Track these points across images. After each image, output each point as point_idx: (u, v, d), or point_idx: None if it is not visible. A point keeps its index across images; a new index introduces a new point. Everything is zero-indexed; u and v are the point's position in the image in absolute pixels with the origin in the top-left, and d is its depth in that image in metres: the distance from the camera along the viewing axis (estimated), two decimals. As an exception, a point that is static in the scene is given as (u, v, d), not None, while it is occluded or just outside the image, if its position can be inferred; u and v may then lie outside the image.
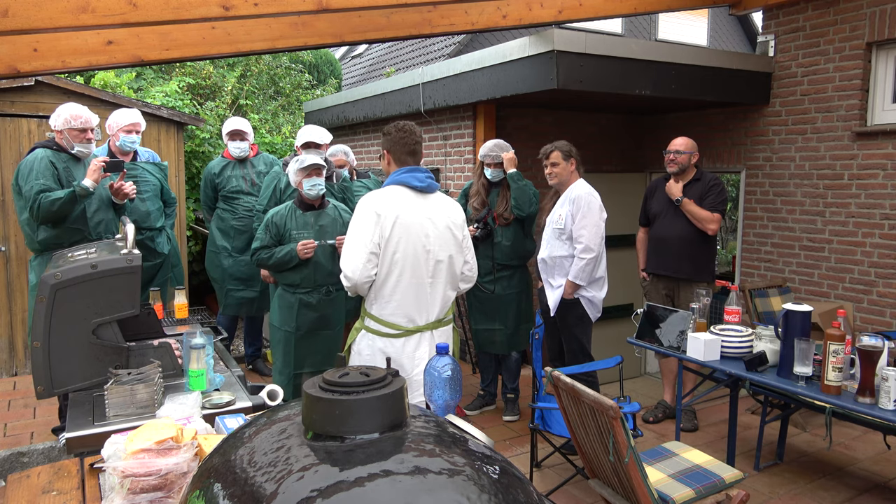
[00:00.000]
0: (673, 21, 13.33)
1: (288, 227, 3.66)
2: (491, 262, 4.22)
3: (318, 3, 3.50)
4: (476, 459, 0.84)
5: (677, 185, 4.18)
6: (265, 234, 3.67)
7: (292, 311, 3.66)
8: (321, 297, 3.69)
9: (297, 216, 3.69)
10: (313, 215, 3.71)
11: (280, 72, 9.55)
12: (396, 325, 2.78)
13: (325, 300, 3.70)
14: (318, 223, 3.70)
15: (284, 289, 3.71)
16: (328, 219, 3.74)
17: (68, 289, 2.33)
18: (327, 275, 3.68)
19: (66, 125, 3.69)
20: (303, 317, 3.66)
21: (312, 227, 3.67)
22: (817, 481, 3.56)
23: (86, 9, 3.13)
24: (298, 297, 3.66)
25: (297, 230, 3.66)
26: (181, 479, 1.51)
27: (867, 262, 4.44)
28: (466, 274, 2.95)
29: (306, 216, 3.69)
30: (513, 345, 4.32)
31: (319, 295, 3.68)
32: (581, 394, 2.38)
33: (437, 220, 2.76)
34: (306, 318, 3.67)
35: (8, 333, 5.14)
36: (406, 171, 2.76)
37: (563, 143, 3.89)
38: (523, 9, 4.16)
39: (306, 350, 3.69)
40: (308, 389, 0.90)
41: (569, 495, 3.40)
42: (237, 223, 4.83)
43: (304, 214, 3.70)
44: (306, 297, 3.66)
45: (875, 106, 4.46)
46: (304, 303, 3.66)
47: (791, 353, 2.93)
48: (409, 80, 5.57)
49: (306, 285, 3.65)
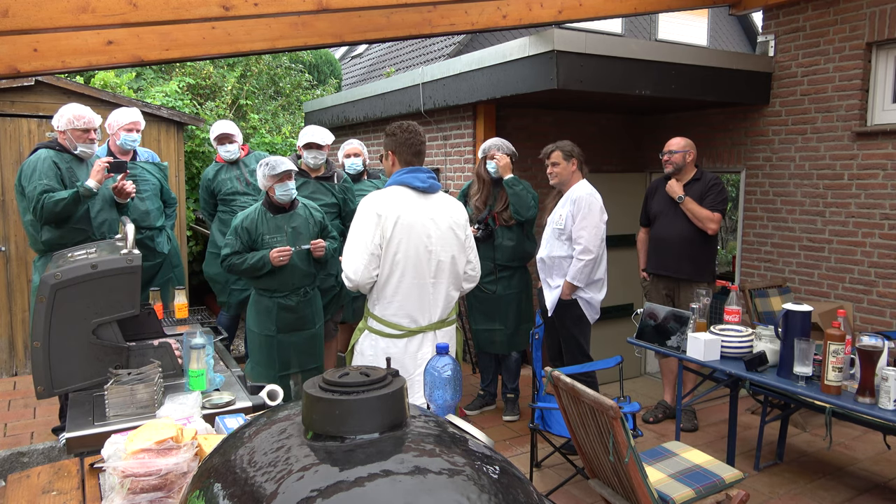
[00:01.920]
0: (673, 21, 13.33)
1: (260, 232, 3.56)
2: (492, 263, 4.22)
3: (318, 3, 3.50)
4: (476, 459, 0.84)
5: (678, 184, 4.18)
6: (235, 239, 3.56)
7: (270, 314, 3.60)
8: (299, 300, 3.64)
9: (269, 220, 3.58)
10: (284, 218, 3.62)
11: (280, 72, 9.55)
12: (399, 326, 2.78)
13: (302, 301, 3.65)
14: (290, 225, 3.62)
15: (260, 293, 3.64)
16: (300, 219, 3.66)
17: (68, 289, 2.33)
18: (303, 276, 3.64)
19: (70, 125, 3.69)
20: (282, 320, 3.61)
21: (285, 231, 3.59)
22: (817, 481, 3.56)
23: (86, 9, 3.13)
24: (276, 301, 3.60)
25: (270, 234, 3.57)
26: (181, 479, 1.51)
27: (867, 262, 4.44)
28: (469, 274, 2.94)
29: (277, 219, 3.60)
30: (513, 345, 4.32)
31: (297, 297, 3.64)
32: (581, 394, 2.38)
33: (439, 221, 2.76)
34: (286, 321, 3.61)
35: (8, 333, 5.14)
36: (408, 172, 2.75)
37: (565, 143, 3.88)
38: (523, 9, 4.16)
39: (288, 351, 3.64)
40: (308, 389, 0.90)
41: (569, 495, 3.40)
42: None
43: (275, 218, 3.60)
44: (284, 301, 3.61)
45: (875, 106, 4.46)
46: (283, 306, 3.60)
47: (791, 353, 2.93)
48: (409, 80, 5.57)
49: (284, 289, 3.60)
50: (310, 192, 4.25)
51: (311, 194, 4.21)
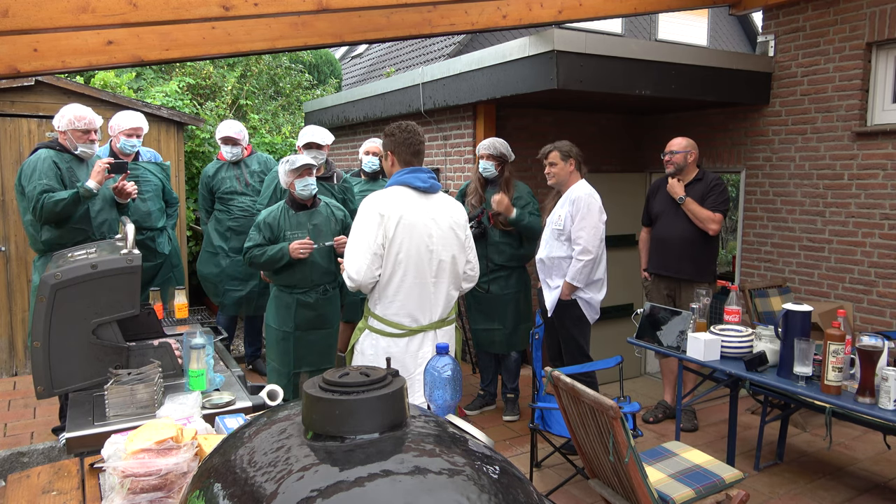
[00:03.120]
0: (673, 21, 13.33)
1: (282, 228, 3.64)
2: (486, 262, 4.21)
3: (318, 3, 3.50)
4: (476, 459, 0.84)
5: (679, 184, 4.18)
6: (258, 234, 3.65)
7: (290, 311, 3.65)
8: (318, 297, 3.68)
9: (290, 216, 3.67)
10: (306, 215, 3.69)
11: (280, 72, 9.55)
12: (400, 325, 2.79)
13: (322, 299, 3.70)
14: (311, 222, 3.68)
15: (281, 289, 3.70)
16: (321, 217, 3.73)
17: (68, 289, 2.33)
18: (323, 273, 3.68)
19: (70, 126, 3.69)
20: (301, 316, 3.66)
21: (306, 227, 3.66)
22: (817, 481, 3.56)
23: (86, 9, 3.13)
24: (296, 297, 3.65)
25: (292, 230, 3.64)
26: (181, 479, 1.51)
27: (867, 262, 4.44)
28: (469, 273, 2.96)
29: (299, 216, 3.68)
30: (512, 345, 4.32)
31: (317, 294, 3.68)
32: (581, 394, 2.38)
33: (440, 221, 2.78)
34: (304, 318, 3.66)
35: (8, 333, 5.14)
36: (409, 172, 2.77)
37: (563, 143, 3.88)
38: (523, 9, 4.16)
39: (305, 349, 3.69)
40: (308, 389, 0.90)
41: (569, 495, 3.40)
42: (233, 223, 4.84)
43: (297, 214, 3.68)
44: (303, 297, 3.66)
45: (875, 106, 4.46)
46: (302, 302, 3.65)
47: (791, 353, 2.93)
48: (409, 80, 5.57)
49: (303, 285, 3.65)
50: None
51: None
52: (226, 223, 4.86)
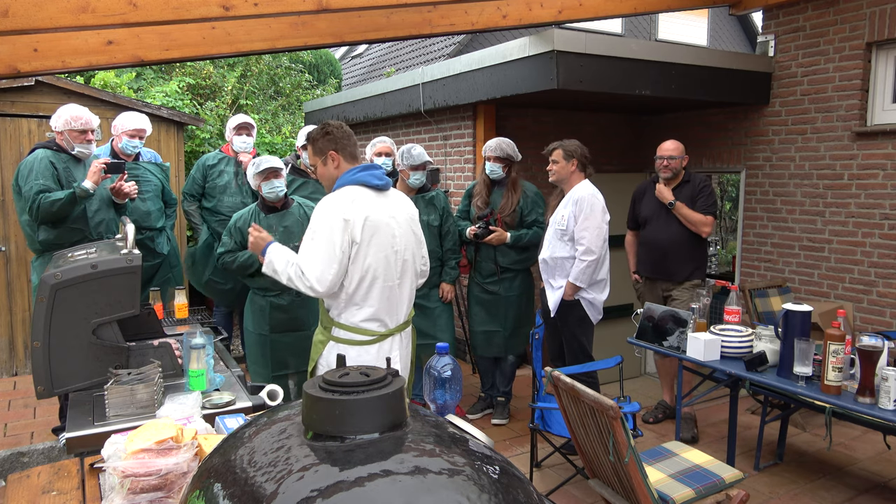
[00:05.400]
0: (673, 21, 13.34)
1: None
2: (494, 264, 4.20)
3: (318, 3, 3.50)
4: (476, 459, 0.84)
5: (667, 188, 4.18)
6: (229, 239, 3.58)
7: (264, 314, 3.59)
8: (292, 299, 3.59)
9: (261, 220, 3.56)
10: (277, 217, 3.59)
11: (280, 72, 9.54)
12: (370, 331, 2.62)
13: (296, 301, 3.61)
14: (282, 224, 3.58)
15: (255, 292, 3.64)
16: (292, 219, 3.62)
17: (68, 289, 2.33)
18: None
19: (67, 126, 3.69)
20: (275, 319, 3.59)
21: (276, 230, 3.53)
22: (817, 481, 3.56)
23: (86, 9, 3.13)
24: (269, 301, 3.58)
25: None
26: (181, 479, 1.51)
27: (867, 262, 4.44)
28: (422, 269, 2.85)
29: (269, 219, 3.57)
30: (510, 348, 4.29)
31: (290, 297, 3.58)
32: (581, 394, 2.38)
33: (399, 218, 2.65)
34: (278, 321, 3.59)
35: (8, 333, 5.14)
36: (363, 170, 2.58)
37: (570, 143, 3.83)
38: (523, 9, 4.16)
39: (282, 352, 3.61)
40: (308, 389, 0.90)
41: (569, 495, 3.40)
42: (221, 219, 4.72)
43: (267, 217, 3.57)
44: (276, 300, 3.58)
45: (875, 106, 4.46)
46: (275, 305, 3.58)
47: (791, 353, 2.93)
48: (409, 80, 5.56)
49: (276, 288, 3.53)
50: (310, 191, 4.25)
51: (311, 194, 4.21)
52: (212, 224, 4.71)
